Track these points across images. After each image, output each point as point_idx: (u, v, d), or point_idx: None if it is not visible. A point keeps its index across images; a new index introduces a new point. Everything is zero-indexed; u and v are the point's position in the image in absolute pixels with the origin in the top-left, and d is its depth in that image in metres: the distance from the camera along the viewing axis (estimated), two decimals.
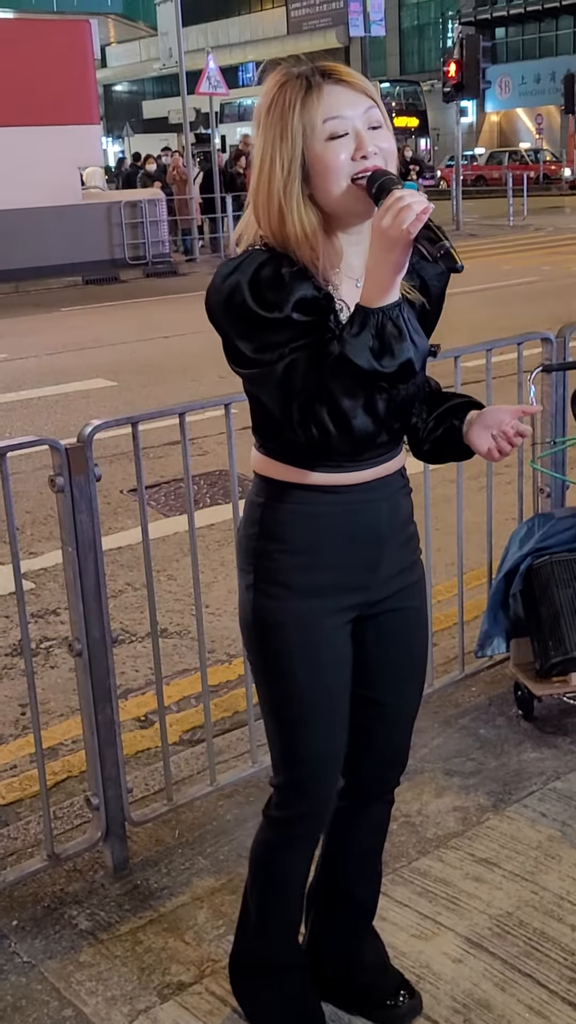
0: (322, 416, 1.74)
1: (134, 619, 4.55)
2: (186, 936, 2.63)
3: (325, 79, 1.80)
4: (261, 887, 2.22)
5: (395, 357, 1.72)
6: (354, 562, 1.99)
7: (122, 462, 5.71)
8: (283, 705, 2.05)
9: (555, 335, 3.74)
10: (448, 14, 48.48)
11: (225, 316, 1.81)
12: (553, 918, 2.61)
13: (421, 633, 2.18)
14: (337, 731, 2.07)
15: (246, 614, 2.04)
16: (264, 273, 1.77)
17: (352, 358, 1.71)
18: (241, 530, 2.04)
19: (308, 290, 1.78)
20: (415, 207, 1.67)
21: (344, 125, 1.79)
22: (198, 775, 3.25)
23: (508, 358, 3.76)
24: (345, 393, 1.73)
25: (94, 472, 2.67)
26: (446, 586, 4.36)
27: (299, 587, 1.97)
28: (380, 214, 1.70)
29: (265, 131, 1.80)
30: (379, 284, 1.72)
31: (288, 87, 1.80)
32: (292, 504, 1.95)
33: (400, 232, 1.67)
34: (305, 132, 1.77)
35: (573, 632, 3.27)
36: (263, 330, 1.77)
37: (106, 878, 2.86)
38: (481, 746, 3.38)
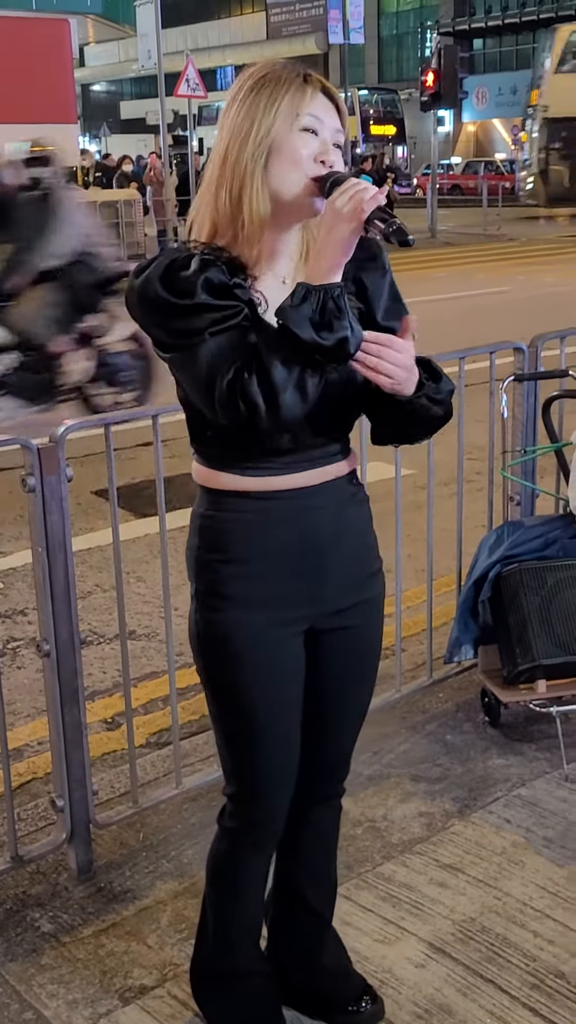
0: (251, 389, 1.73)
1: (102, 621, 4.53)
2: (149, 940, 2.62)
3: (317, 84, 1.86)
4: (219, 896, 2.21)
5: (333, 331, 1.72)
6: (297, 573, 1.97)
7: (93, 463, 5.70)
8: (231, 717, 2.05)
9: (527, 345, 3.77)
10: (427, 24, 48.72)
11: (141, 309, 1.83)
12: (516, 924, 2.62)
13: (371, 652, 2.17)
14: (288, 740, 2.06)
15: (192, 626, 2.04)
16: (175, 265, 1.80)
17: (292, 327, 1.71)
18: (188, 541, 2.04)
19: (217, 275, 1.80)
20: (371, 189, 1.72)
21: (319, 126, 1.84)
22: (164, 778, 3.24)
23: (481, 366, 3.78)
24: (279, 364, 1.72)
25: (65, 473, 2.67)
26: (415, 592, 4.37)
27: (241, 598, 1.96)
28: (335, 195, 1.74)
29: (250, 103, 1.83)
30: (325, 262, 1.75)
31: (284, 73, 1.84)
32: (230, 513, 1.94)
33: (354, 210, 1.71)
34: (287, 114, 1.81)
35: (540, 640, 3.28)
36: (178, 316, 1.78)
37: (69, 880, 2.84)
38: (447, 752, 3.39)
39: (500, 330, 5.38)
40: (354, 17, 33.64)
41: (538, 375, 3.79)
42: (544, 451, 3.85)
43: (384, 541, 3.90)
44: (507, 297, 14.66)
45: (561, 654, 3.29)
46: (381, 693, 3.61)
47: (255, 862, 2.18)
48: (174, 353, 1.83)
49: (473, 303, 14.04)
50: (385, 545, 3.79)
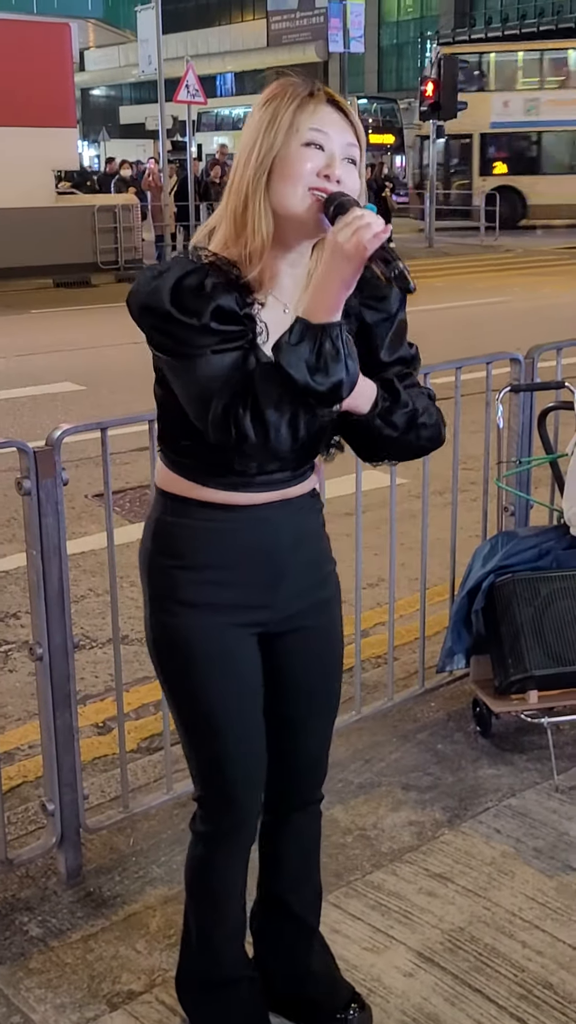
0: (244, 421, 1.73)
1: (95, 625, 4.53)
2: (137, 945, 2.62)
3: (327, 99, 1.82)
4: (197, 902, 2.21)
5: (328, 376, 1.71)
6: (252, 581, 1.98)
7: (87, 466, 5.69)
8: (193, 718, 2.05)
9: (524, 356, 3.78)
10: (427, 34, 48.79)
11: (144, 316, 1.81)
12: (504, 934, 2.62)
13: (331, 650, 2.16)
14: (251, 739, 2.07)
15: (147, 630, 2.05)
16: (187, 282, 1.77)
17: (288, 369, 1.70)
18: (141, 544, 2.04)
19: (228, 302, 1.77)
20: (374, 226, 1.68)
21: (325, 141, 1.80)
22: (155, 783, 3.24)
23: (477, 376, 3.79)
24: (273, 403, 1.72)
25: (61, 476, 2.67)
26: (408, 601, 4.37)
27: (195, 603, 1.97)
28: (338, 228, 1.71)
29: (258, 119, 1.82)
30: (325, 300, 1.72)
31: (292, 88, 1.82)
32: (189, 520, 1.95)
33: (356, 248, 1.68)
34: (289, 129, 1.79)
35: (533, 651, 3.29)
36: (182, 331, 1.77)
37: (59, 885, 2.84)
38: (438, 761, 3.39)
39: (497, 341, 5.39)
40: (354, 26, 33.74)
41: (534, 386, 3.79)
42: (539, 462, 3.86)
43: (378, 549, 3.91)
44: (504, 308, 14.69)
45: (553, 665, 3.30)
46: (372, 702, 3.62)
47: (230, 866, 2.17)
48: (172, 358, 1.82)
49: (470, 313, 14.07)
50: (379, 553, 3.79)
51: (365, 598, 3.86)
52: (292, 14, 52.36)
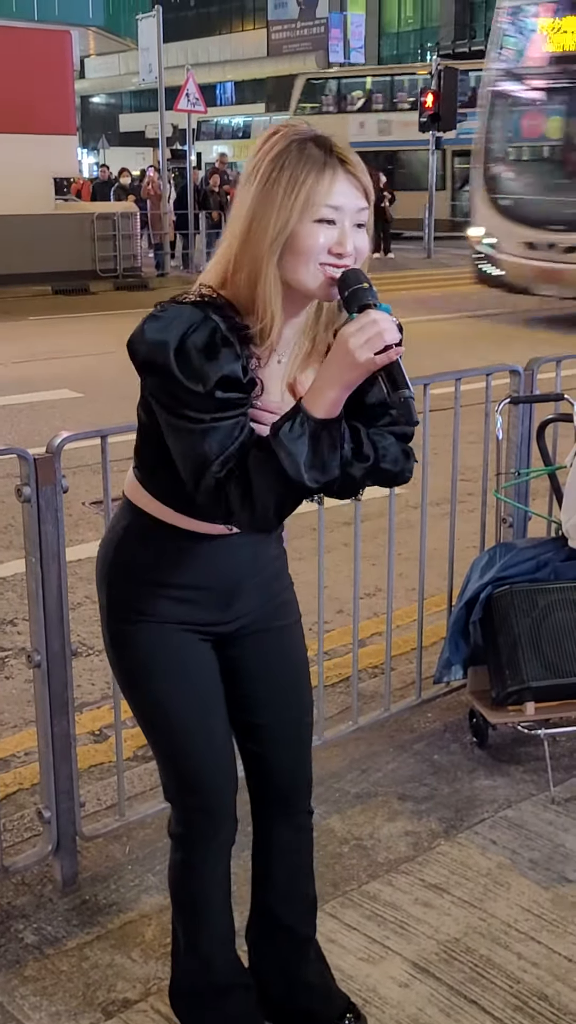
0: (232, 499, 1.74)
1: (92, 632, 4.52)
2: (133, 953, 2.61)
3: (340, 165, 1.79)
4: (181, 907, 2.21)
5: (324, 473, 1.73)
6: (208, 601, 2.02)
7: (85, 474, 5.69)
8: (155, 720, 2.07)
9: (523, 367, 3.79)
10: (427, 45, 48.93)
11: (146, 371, 1.79)
12: (500, 945, 2.62)
13: (290, 650, 2.17)
14: (216, 737, 2.08)
15: (104, 634, 2.08)
16: (193, 340, 1.74)
17: (283, 462, 1.70)
18: (100, 549, 2.06)
19: (234, 369, 1.75)
20: (387, 337, 1.68)
21: (336, 215, 1.78)
22: (151, 791, 3.23)
23: (477, 387, 3.80)
24: (264, 489, 1.73)
25: (61, 483, 2.67)
26: (406, 611, 4.37)
27: (149, 612, 2.00)
28: (351, 329, 1.70)
29: (270, 185, 1.77)
30: (330, 397, 1.72)
31: (306, 152, 1.77)
32: (151, 537, 1.97)
33: (367, 359, 1.68)
34: (304, 207, 1.76)
35: (530, 662, 3.29)
36: (184, 395, 1.75)
37: (54, 892, 2.84)
38: (435, 772, 3.40)
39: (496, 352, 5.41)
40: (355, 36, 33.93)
41: (534, 398, 3.81)
42: (538, 474, 3.86)
43: (376, 559, 3.91)
44: (504, 318, 14.72)
45: (550, 677, 3.30)
46: (369, 712, 3.62)
47: (208, 869, 2.17)
48: (169, 415, 1.79)
49: (469, 324, 14.10)
50: (377, 563, 3.79)
51: (362, 608, 3.87)
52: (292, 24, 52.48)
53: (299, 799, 2.25)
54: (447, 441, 3.75)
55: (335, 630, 4.36)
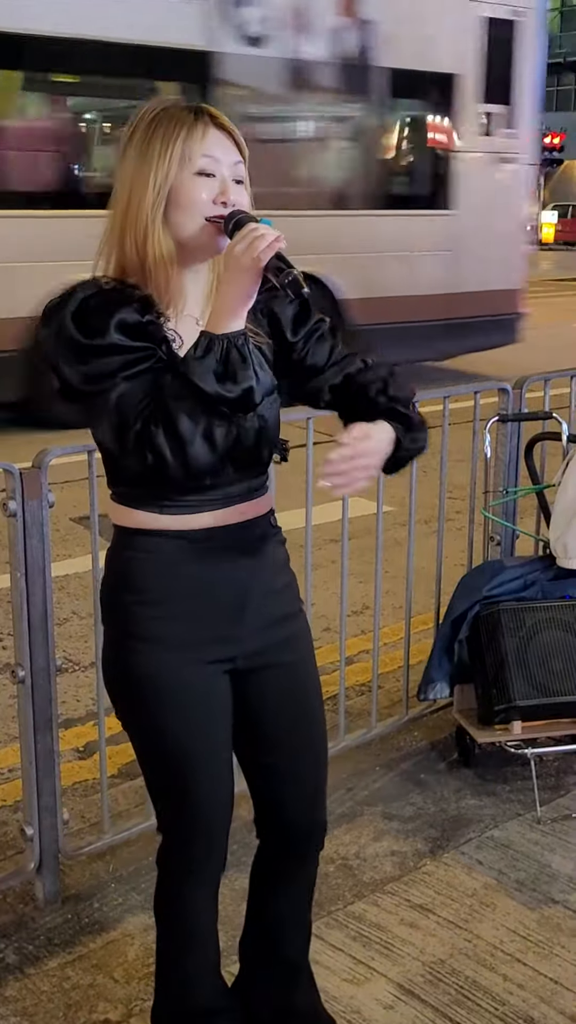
0: (158, 440, 1.73)
1: (78, 648, 4.50)
2: (115, 973, 2.59)
3: (211, 120, 1.84)
4: (168, 934, 2.15)
5: (238, 383, 1.72)
6: (213, 612, 1.93)
7: (73, 489, 5.67)
8: (157, 756, 2.00)
9: (512, 386, 3.79)
10: None
11: (53, 348, 1.79)
12: (485, 967, 2.60)
13: (304, 689, 2.08)
14: (217, 775, 2.00)
15: (107, 669, 2.00)
16: (90, 303, 1.78)
17: (195, 380, 1.71)
18: (102, 582, 2.01)
19: (130, 314, 1.77)
20: (268, 237, 1.71)
21: (215, 167, 1.82)
22: (135, 809, 3.21)
23: (465, 406, 3.80)
24: (185, 416, 1.72)
25: (47, 498, 2.66)
26: (393, 629, 4.37)
27: (157, 639, 1.92)
28: (234, 242, 1.73)
29: (143, 149, 1.81)
30: (226, 310, 1.74)
31: (173, 114, 1.82)
32: (145, 552, 1.91)
33: (251, 259, 1.70)
34: (181, 159, 1.80)
35: (517, 681, 3.28)
36: (89, 358, 1.76)
37: (36, 911, 2.81)
38: (421, 791, 3.38)
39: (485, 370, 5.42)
40: None
41: (522, 416, 3.81)
42: (526, 492, 3.87)
43: (363, 577, 3.90)
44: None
45: (537, 696, 3.29)
46: (355, 729, 3.60)
47: (199, 897, 2.11)
48: (83, 401, 1.80)
49: None
50: (364, 581, 3.78)
51: (350, 625, 3.86)
52: None
53: (311, 842, 2.16)
54: (435, 459, 3.75)
55: (322, 647, 4.34)
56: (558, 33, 45.59)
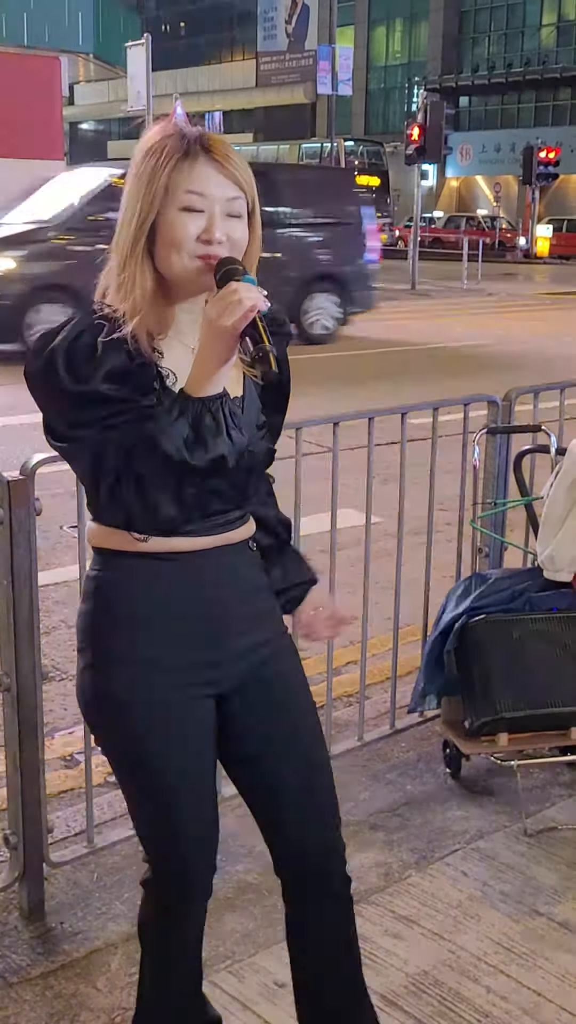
0: (128, 499, 1.73)
1: (66, 656, 4.50)
2: (98, 983, 2.58)
3: (203, 152, 1.78)
4: (151, 956, 2.12)
5: (208, 451, 1.72)
6: (194, 636, 1.89)
7: (64, 497, 5.68)
8: (139, 789, 1.96)
9: (501, 398, 3.81)
10: (414, 79, 49.48)
11: (41, 386, 1.77)
12: (469, 978, 2.60)
13: (294, 700, 2.03)
14: (200, 802, 1.96)
15: (85, 696, 1.94)
16: (81, 341, 1.74)
17: (163, 445, 1.69)
18: (80, 606, 1.97)
19: (119, 360, 1.74)
20: (245, 302, 1.67)
21: (202, 203, 1.78)
22: (121, 818, 3.20)
23: (454, 418, 3.81)
24: (152, 478, 1.71)
25: (35, 506, 2.66)
26: (381, 640, 4.37)
27: (138, 663, 1.88)
28: (212, 304, 1.71)
29: (134, 180, 1.80)
30: (203, 373, 1.72)
31: (170, 143, 1.79)
32: (126, 576, 1.87)
33: (226, 326, 1.68)
34: (165, 194, 1.77)
35: (504, 692, 3.29)
36: (73, 405, 1.74)
37: (20, 920, 2.80)
38: (407, 802, 3.38)
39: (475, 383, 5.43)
40: (343, 69, 34.20)
41: (511, 428, 3.82)
42: (514, 504, 3.87)
43: (352, 587, 3.91)
44: (484, 351, 14.81)
45: (524, 708, 3.30)
46: (342, 740, 3.60)
47: (181, 920, 2.08)
48: (66, 444, 1.79)
49: (449, 355, 14.17)
50: (352, 592, 3.79)
51: (338, 636, 3.85)
52: (281, 55, 53.01)
53: (330, 866, 2.07)
54: (424, 471, 3.76)
55: (310, 658, 4.33)
56: (554, 48, 45.78)
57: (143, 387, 1.76)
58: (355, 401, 7.70)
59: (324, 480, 3.43)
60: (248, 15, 55.59)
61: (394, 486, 3.69)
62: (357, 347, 14.27)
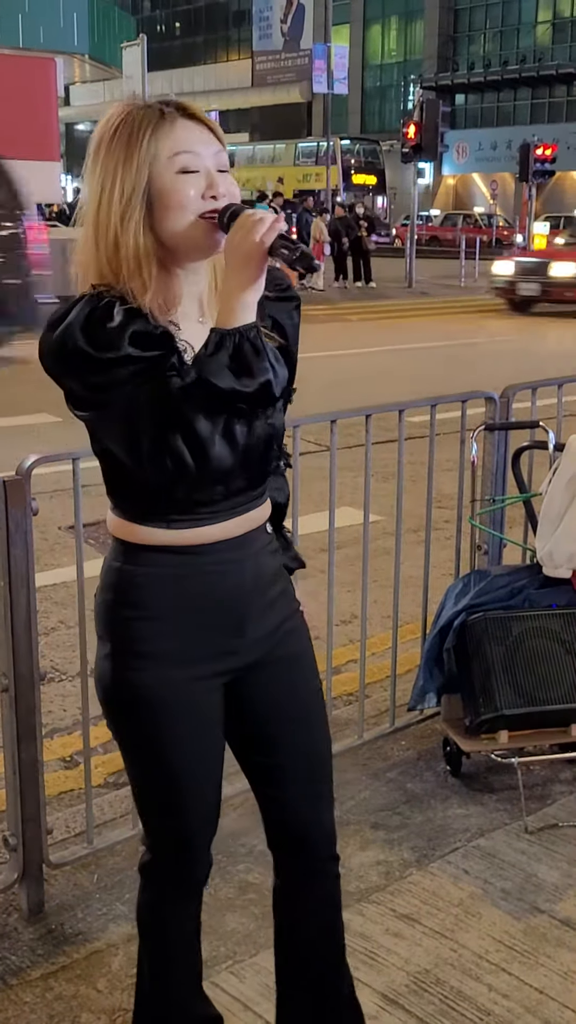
0: (177, 445, 1.67)
1: (65, 657, 4.49)
2: (99, 984, 2.57)
3: (179, 112, 1.77)
4: (150, 944, 2.12)
5: (254, 376, 1.66)
6: (217, 627, 1.89)
7: (62, 498, 5.67)
8: (153, 780, 1.97)
9: (499, 395, 3.80)
10: (410, 77, 49.52)
11: (59, 362, 1.73)
12: (471, 977, 2.60)
13: (304, 681, 2.04)
14: (209, 789, 1.98)
15: (104, 685, 1.94)
16: (97, 314, 1.71)
17: (210, 378, 1.64)
18: (97, 595, 1.95)
19: (143, 324, 1.71)
20: (267, 220, 1.66)
21: (197, 162, 1.75)
22: (121, 818, 3.20)
23: (452, 415, 3.80)
24: (203, 417, 1.66)
25: (31, 506, 2.65)
26: (380, 638, 4.36)
27: (160, 655, 1.87)
28: (233, 233, 1.68)
29: (107, 156, 1.74)
30: (234, 303, 1.68)
31: (136, 115, 1.74)
32: (149, 567, 1.85)
33: (254, 244, 1.65)
34: (153, 161, 1.73)
35: (504, 689, 3.28)
36: (101, 371, 1.70)
37: (20, 921, 2.79)
38: (408, 800, 3.37)
39: (473, 380, 5.42)
40: (338, 68, 34.19)
41: (509, 425, 3.81)
42: (513, 501, 3.87)
43: (351, 586, 3.89)
44: (481, 348, 14.80)
45: (524, 705, 3.29)
46: (343, 739, 3.60)
47: (181, 909, 2.10)
48: (93, 410, 1.75)
49: (447, 353, 14.16)
50: (352, 590, 3.77)
51: (337, 635, 3.86)
52: (277, 55, 53.00)
53: (322, 845, 2.09)
54: (423, 468, 3.76)
55: None
56: (550, 45, 45.79)
57: (167, 348, 1.73)
58: (352, 399, 7.69)
59: (322, 479, 3.43)
60: (243, 15, 55.62)
61: (392, 484, 3.68)
62: (335, 347, 14.25)
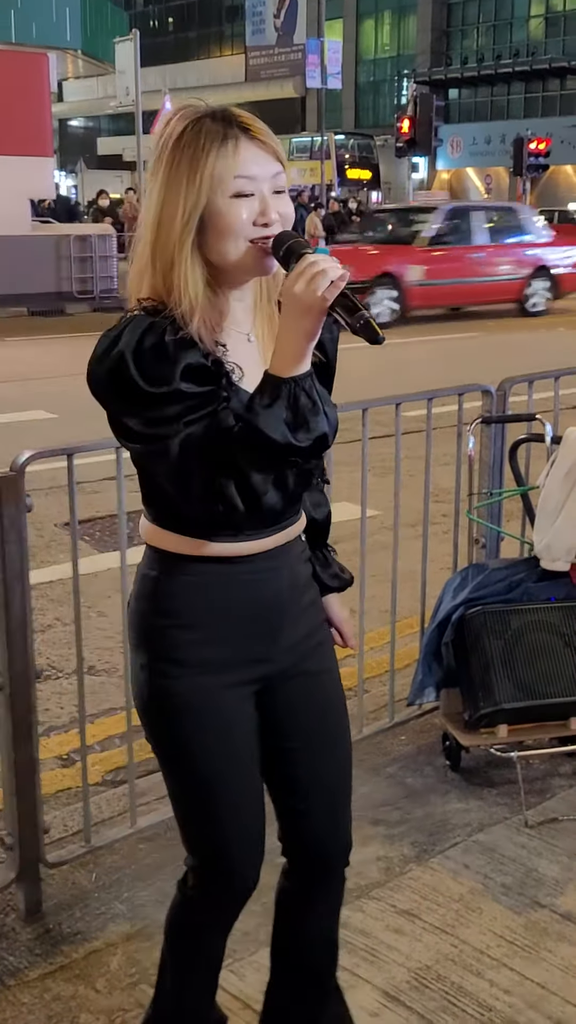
0: (229, 491, 1.65)
1: (62, 655, 4.47)
2: (97, 984, 2.56)
3: (243, 133, 1.71)
4: (178, 961, 2.10)
5: (310, 431, 1.64)
6: (254, 635, 1.88)
7: (58, 494, 5.65)
8: (191, 788, 1.94)
9: (496, 388, 3.78)
10: (403, 72, 49.41)
11: (111, 393, 1.71)
12: (472, 972, 2.58)
13: (331, 699, 2.03)
14: (251, 806, 1.95)
15: (141, 695, 1.92)
16: (147, 343, 1.67)
17: (266, 431, 1.62)
18: (132, 604, 1.93)
19: (195, 357, 1.68)
20: (330, 272, 1.61)
21: (252, 186, 1.71)
22: (119, 817, 3.18)
23: (449, 409, 3.78)
24: (256, 468, 1.65)
25: (25, 502, 2.63)
26: (379, 633, 4.35)
27: (196, 664, 1.86)
28: (292, 279, 1.63)
29: (172, 170, 1.71)
30: (291, 352, 1.64)
31: (203, 129, 1.70)
32: (187, 577, 1.84)
33: (315, 299, 1.60)
34: (213, 183, 1.70)
35: (503, 683, 3.27)
36: (152, 406, 1.67)
37: (17, 921, 2.77)
38: (407, 795, 3.36)
39: (469, 373, 5.41)
40: (332, 63, 34.17)
41: (506, 418, 3.80)
42: (510, 494, 3.85)
43: None
44: (477, 342, 14.78)
45: (523, 698, 3.27)
46: None
47: (217, 929, 2.08)
48: (144, 444, 1.72)
49: (443, 347, 14.15)
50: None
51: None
52: (270, 50, 52.90)
53: (338, 857, 2.09)
54: (420, 462, 3.74)
55: None
56: (543, 39, 45.72)
57: (218, 382, 1.71)
58: (348, 394, 7.67)
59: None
60: (236, 9, 55.48)
61: (390, 478, 3.67)
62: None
